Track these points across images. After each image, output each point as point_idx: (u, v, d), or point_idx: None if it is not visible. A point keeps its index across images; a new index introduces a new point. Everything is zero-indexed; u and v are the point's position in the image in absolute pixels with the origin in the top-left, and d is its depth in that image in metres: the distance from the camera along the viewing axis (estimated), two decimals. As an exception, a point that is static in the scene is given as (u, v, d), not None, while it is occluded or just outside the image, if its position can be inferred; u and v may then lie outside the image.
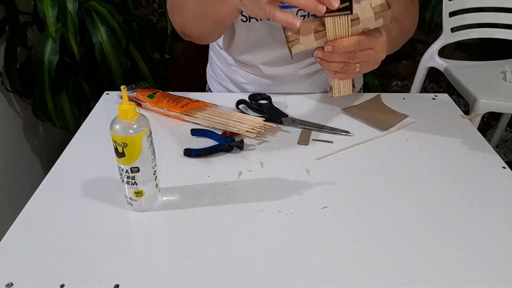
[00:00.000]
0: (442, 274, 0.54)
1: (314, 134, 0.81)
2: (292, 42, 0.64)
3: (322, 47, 0.65)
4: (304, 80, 0.93)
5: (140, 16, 1.56)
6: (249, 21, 0.84)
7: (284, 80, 0.93)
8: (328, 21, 0.61)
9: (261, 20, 0.84)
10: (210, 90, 1.07)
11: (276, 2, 0.59)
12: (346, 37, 0.62)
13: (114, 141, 0.57)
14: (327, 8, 0.57)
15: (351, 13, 0.60)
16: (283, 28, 0.64)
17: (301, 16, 0.76)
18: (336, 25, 0.62)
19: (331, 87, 0.75)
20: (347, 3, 0.59)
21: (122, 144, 0.56)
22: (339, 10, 0.59)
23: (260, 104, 0.88)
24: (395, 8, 0.80)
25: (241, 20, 0.85)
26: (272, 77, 0.93)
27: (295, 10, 0.80)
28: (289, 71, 0.91)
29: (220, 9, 0.72)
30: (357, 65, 0.66)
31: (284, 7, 0.65)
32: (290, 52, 0.65)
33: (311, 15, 0.74)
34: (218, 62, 1.00)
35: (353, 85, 0.75)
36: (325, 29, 0.63)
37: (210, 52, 1.03)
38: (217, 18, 0.76)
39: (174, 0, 0.85)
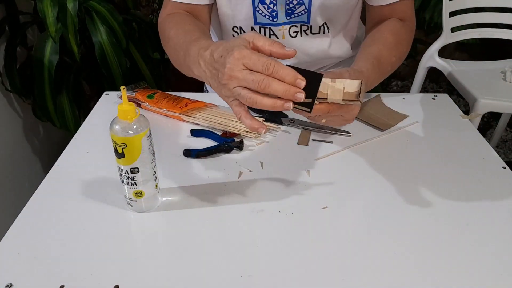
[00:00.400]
0: (442, 274, 0.54)
1: (314, 134, 0.81)
2: None
3: None
4: None
5: (140, 16, 1.56)
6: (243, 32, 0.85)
7: None
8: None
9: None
10: (207, 90, 1.06)
11: (243, 105, 0.56)
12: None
13: (114, 142, 0.56)
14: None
15: (310, 112, 0.57)
16: None
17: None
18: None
19: None
20: (310, 100, 0.55)
21: (122, 144, 0.56)
22: (302, 103, 0.56)
23: None
24: (386, 41, 0.77)
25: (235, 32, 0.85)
26: None
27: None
28: None
29: (193, 75, 0.68)
30: (323, 120, 0.64)
31: None
32: None
33: None
34: None
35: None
36: None
37: None
38: (192, 76, 0.71)
39: (160, 30, 0.83)
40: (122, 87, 0.57)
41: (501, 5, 1.53)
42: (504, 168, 0.73)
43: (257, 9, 0.77)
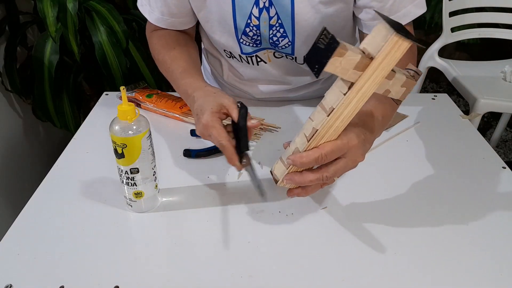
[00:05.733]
0: (443, 274, 0.54)
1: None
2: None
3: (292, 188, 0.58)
4: (294, 95, 0.93)
5: (140, 16, 1.55)
6: (232, 58, 0.85)
7: (274, 101, 0.93)
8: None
9: (244, 61, 0.84)
10: None
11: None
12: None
13: (114, 142, 0.56)
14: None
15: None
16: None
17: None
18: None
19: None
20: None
21: (122, 145, 0.56)
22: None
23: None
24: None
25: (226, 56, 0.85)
26: (263, 100, 0.93)
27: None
28: (278, 96, 0.92)
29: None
30: (334, 178, 0.56)
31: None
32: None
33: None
34: (209, 76, 1.01)
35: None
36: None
37: (203, 57, 1.02)
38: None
39: (149, 44, 0.84)
40: (121, 88, 0.57)
41: (501, 5, 1.53)
42: (504, 168, 0.73)
43: (241, 40, 0.77)
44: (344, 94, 0.47)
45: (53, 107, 1.42)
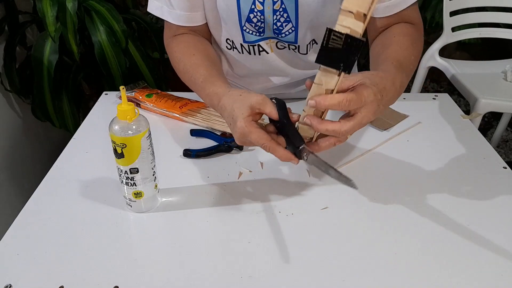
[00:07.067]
0: (443, 274, 0.54)
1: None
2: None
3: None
4: (294, 91, 0.93)
5: (140, 16, 1.56)
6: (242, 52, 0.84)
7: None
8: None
9: (252, 54, 0.84)
10: None
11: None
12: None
13: (113, 142, 0.56)
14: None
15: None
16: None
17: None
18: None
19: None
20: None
21: (121, 145, 0.56)
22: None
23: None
24: (399, 42, 0.71)
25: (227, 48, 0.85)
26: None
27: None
28: (276, 92, 0.92)
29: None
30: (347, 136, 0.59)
31: None
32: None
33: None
34: None
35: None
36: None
37: None
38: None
39: (168, 53, 0.82)
40: (121, 87, 0.57)
41: (502, 4, 1.53)
42: (505, 168, 0.73)
43: (244, 28, 0.77)
44: None
45: (53, 107, 1.42)
